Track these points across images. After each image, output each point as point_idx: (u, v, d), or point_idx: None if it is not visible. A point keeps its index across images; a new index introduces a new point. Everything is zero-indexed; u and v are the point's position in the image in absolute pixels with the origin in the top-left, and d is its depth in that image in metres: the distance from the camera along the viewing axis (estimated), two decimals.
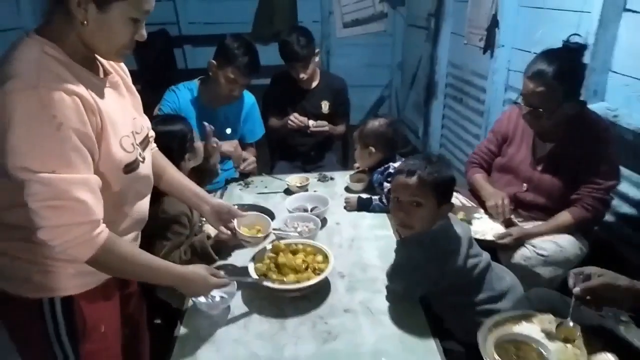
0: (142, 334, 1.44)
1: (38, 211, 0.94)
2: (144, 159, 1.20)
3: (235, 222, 1.49)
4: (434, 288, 1.37)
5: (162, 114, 2.10)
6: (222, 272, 1.34)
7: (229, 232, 1.49)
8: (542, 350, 1.14)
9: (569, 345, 1.16)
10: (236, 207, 1.59)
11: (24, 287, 1.09)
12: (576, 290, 1.12)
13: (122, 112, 1.13)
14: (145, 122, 1.29)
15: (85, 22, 0.98)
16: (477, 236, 1.78)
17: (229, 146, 2.20)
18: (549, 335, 1.19)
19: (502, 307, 1.38)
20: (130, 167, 1.12)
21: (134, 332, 1.39)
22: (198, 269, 1.26)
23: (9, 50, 0.99)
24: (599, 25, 2.04)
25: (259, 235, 1.51)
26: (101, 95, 1.06)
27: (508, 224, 1.84)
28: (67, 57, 1.00)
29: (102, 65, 1.14)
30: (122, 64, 1.22)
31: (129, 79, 1.24)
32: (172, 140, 1.65)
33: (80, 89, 0.98)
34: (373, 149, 1.99)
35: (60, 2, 0.98)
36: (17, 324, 1.15)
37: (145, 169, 1.20)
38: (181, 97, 2.19)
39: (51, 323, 1.11)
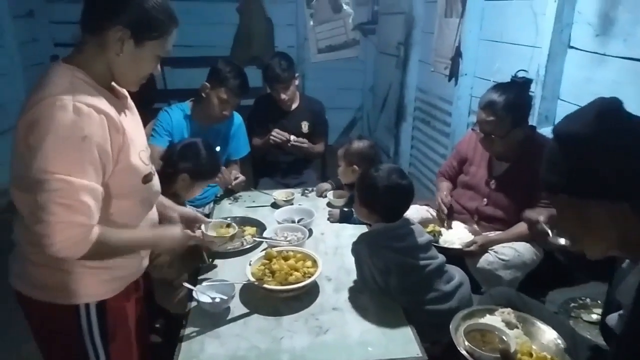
0: (146, 335, 1.56)
1: (45, 205, 1.02)
2: (155, 172, 1.35)
3: (202, 227, 1.67)
4: (388, 282, 1.55)
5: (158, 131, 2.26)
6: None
7: (197, 236, 1.64)
8: (503, 336, 1.34)
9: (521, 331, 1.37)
10: (228, 219, 1.79)
11: (62, 294, 1.19)
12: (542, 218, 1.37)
13: (137, 130, 1.29)
14: None
15: (120, 55, 1.14)
16: (446, 245, 2.00)
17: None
18: (508, 325, 1.40)
19: (449, 307, 1.56)
20: (148, 178, 1.27)
21: (142, 333, 1.51)
22: (170, 228, 1.42)
23: (42, 76, 1.13)
24: (548, 59, 2.33)
25: (225, 235, 1.70)
26: (122, 114, 1.21)
27: (474, 233, 2.07)
28: (94, 82, 1.14)
29: (118, 91, 1.28)
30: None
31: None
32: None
33: (108, 109, 1.12)
34: (357, 167, 2.19)
35: (96, 35, 1.13)
36: (51, 329, 1.24)
37: (156, 181, 1.36)
38: (174, 117, 2.35)
39: (86, 327, 1.22)
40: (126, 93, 1.33)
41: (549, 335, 1.35)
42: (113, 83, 1.25)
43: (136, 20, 1.12)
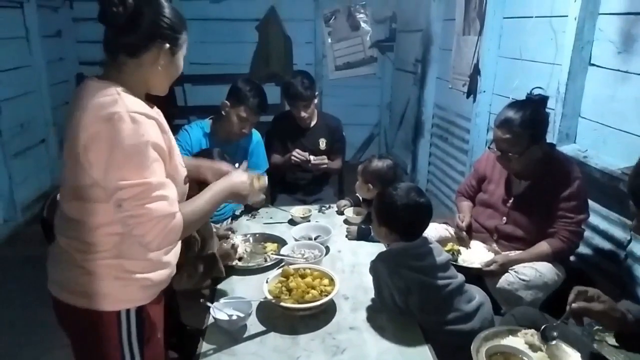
0: (167, 343, 1.56)
1: (133, 211, 1.13)
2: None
3: None
4: (408, 302, 1.53)
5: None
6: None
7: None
8: (526, 359, 1.30)
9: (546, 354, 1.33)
10: (248, 235, 1.83)
11: (105, 301, 1.22)
12: (575, 305, 1.26)
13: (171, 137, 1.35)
14: None
15: (160, 67, 1.23)
16: (465, 264, 1.97)
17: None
18: (531, 347, 1.36)
19: (471, 327, 1.53)
20: (186, 180, 1.37)
21: (165, 340, 1.50)
22: (235, 175, 1.49)
23: (83, 93, 1.15)
24: (568, 76, 2.31)
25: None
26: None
27: (493, 252, 2.03)
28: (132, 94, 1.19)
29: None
30: None
31: None
32: None
33: (154, 114, 1.20)
34: (371, 186, 2.18)
35: (134, 56, 1.20)
36: (90, 336, 1.26)
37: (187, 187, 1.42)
38: (193, 135, 2.39)
39: (126, 332, 1.25)
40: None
41: (574, 359, 1.31)
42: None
43: (168, 33, 1.21)
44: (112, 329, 1.24)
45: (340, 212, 2.40)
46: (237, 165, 2.43)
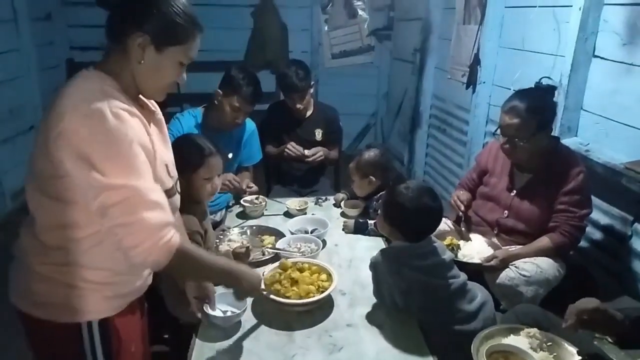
0: (148, 350, 1.46)
1: (120, 217, 1.00)
2: (177, 191, 1.31)
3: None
4: (409, 303, 1.49)
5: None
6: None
7: None
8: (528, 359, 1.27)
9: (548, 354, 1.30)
10: (245, 228, 1.80)
11: (64, 312, 1.13)
12: (572, 306, 1.24)
13: (163, 144, 1.25)
14: None
15: (142, 62, 1.10)
16: (465, 260, 1.93)
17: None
18: (533, 347, 1.33)
19: (473, 328, 1.48)
20: (169, 193, 1.21)
21: (145, 348, 1.41)
22: (247, 268, 1.33)
23: (70, 82, 1.08)
24: (571, 68, 2.26)
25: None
26: (149, 124, 1.16)
27: (493, 246, 1.99)
28: (122, 91, 1.10)
29: (145, 104, 1.24)
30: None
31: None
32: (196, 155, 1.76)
33: (138, 114, 1.10)
34: (373, 178, 2.13)
35: (118, 42, 1.10)
36: (52, 350, 1.17)
37: (177, 198, 1.32)
38: (184, 123, 2.30)
39: (89, 347, 1.15)
40: (154, 107, 1.28)
41: (578, 359, 1.28)
42: (140, 96, 1.21)
43: (156, 26, 1.09)
44: (73, 343, 1.14)
45: (338, 205, 2.36)
46: (230, 155, 2.40)
